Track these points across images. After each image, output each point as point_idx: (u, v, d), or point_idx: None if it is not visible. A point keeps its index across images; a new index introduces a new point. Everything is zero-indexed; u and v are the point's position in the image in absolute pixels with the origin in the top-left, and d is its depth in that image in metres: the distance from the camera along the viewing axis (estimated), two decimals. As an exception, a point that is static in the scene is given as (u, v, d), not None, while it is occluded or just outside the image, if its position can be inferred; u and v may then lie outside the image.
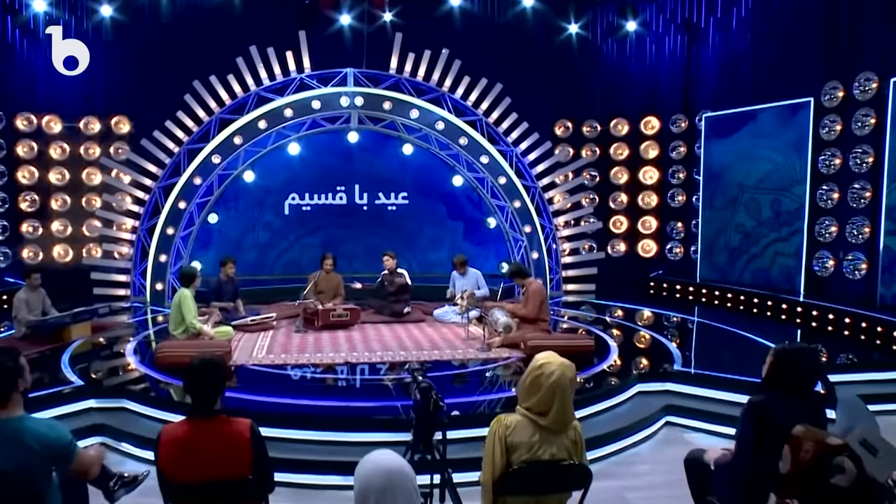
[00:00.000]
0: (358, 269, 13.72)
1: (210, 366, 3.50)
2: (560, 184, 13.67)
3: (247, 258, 13.11)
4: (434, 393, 3.93)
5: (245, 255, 13.08)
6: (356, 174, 13.28)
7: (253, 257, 13.18)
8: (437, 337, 9.24)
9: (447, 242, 13.57)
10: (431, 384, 3.95)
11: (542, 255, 13.05)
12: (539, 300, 8.41)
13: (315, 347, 8.55)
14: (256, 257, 13.22)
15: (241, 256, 12.93)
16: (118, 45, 12.92)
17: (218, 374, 3.51)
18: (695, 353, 8.44)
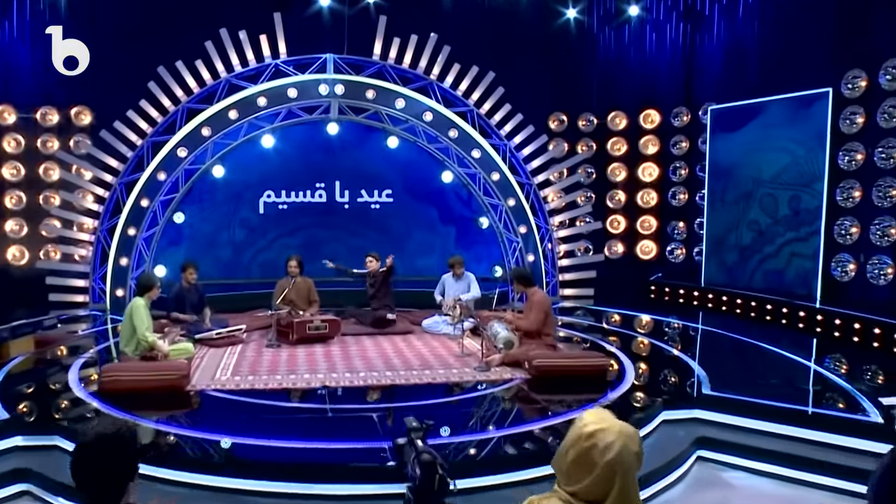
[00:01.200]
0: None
1: (110, 445, 2.29)
2: (555, 181, 12.56)
3: (218, 261, 11.87)
4: (440, 466, 2.76)
5: (216, 258, 11.85)
6: (337, 169, 12.05)
7: (225, 260, 11.92)
8: (428, 352, 8.07)
9: (436, 245, 12.39)
10: (436, 457, 2.78)
11: (538, 257, 11.93)
12: (544, 312, 7.28)
13: (288, 366, 7.34)
14: (229, 260, 11.96)
15: (211, 259, 11.72)
16: (77, 27, 11.56)
17: (122, 458, 2.31)
18: (719, 371, 7.36)
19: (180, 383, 6.44)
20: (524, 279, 7.57)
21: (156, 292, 7.19)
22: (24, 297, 10.93)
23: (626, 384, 6.68)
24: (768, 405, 6.08)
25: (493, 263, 12.03)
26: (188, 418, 5.96)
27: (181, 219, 10.96)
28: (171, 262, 11.14)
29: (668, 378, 7.34)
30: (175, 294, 8.63)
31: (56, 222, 11.24)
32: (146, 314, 6.95)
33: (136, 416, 5.59)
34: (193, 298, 8.69)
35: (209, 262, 11.73)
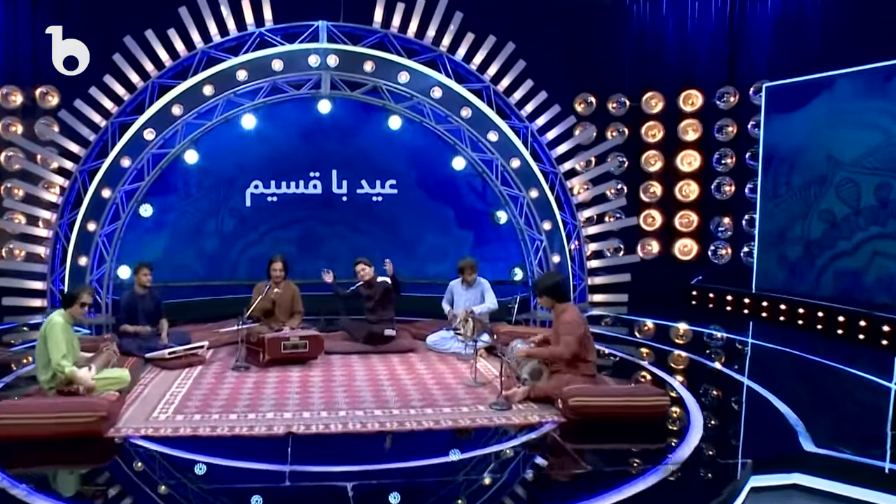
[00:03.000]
0: (339, 277, 10.83)
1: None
2: (582, 171, 10.70)
3: (197, 261, 10.19)
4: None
5: (195, 257, 10.18)
6: (332, 156, 10.32)
7: (206, 260, 10.24)
8: (431, 378, 6.26)
9: (448, 244, 10.62)
10: None
11: (564, 258, 10.06)
12: (579, 333, 5.41)
13: (251, 399, 5.57)
14: (210, 260, 10.27)
15: (188, 259, 10.05)
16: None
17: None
18: (812, 411, 5.47)
19: (97, 428, 4.69)
20: (555, 291, 5.60)
21: (79, 310, 5.44)
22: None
23: (695, 434, 4.82)
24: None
25: (512, 265, 10.19)
26: (83, 485, 4.20)
27: (149, 212, 9.22)
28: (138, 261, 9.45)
29: (748, 422, 5.45)
30: (126, 301, 6.90)
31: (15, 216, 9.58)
32: (64, 336, 5.22)
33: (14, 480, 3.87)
34: (148, 306, 6.95)
35: (185, 262, 10.08)
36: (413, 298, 9.86)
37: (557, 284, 5.62)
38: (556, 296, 5.56)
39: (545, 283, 5.66)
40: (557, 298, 5.56)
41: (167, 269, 9.98)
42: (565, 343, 5.33)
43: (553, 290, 5.55)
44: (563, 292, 5.63)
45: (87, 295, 5.51)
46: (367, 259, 7.52)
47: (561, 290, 5.61)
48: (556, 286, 5.58)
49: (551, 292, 5.56)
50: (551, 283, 5.60)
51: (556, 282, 5.64)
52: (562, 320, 5.49)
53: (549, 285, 5.59)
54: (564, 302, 5.61)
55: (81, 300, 5.45)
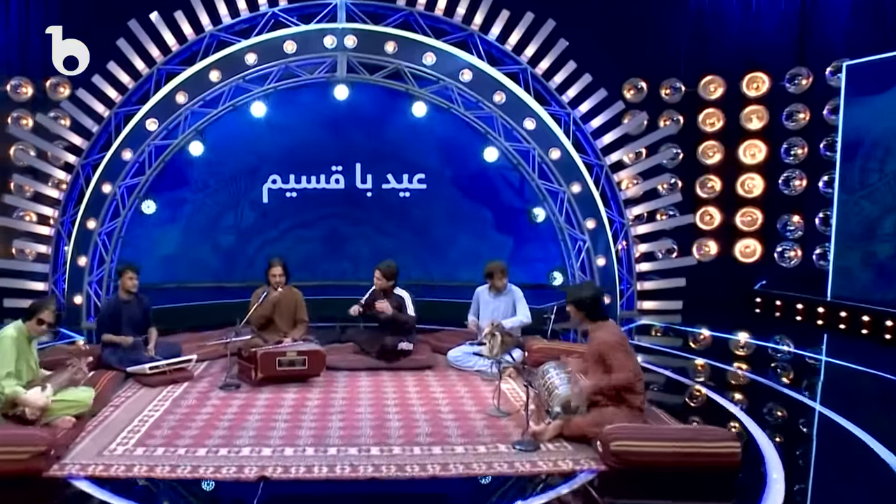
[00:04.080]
0: (364, 278, 10.01)
1: None
2: (630, 163, 9.55)
3: (208, 261, 9.48)
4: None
5: (205, 258, 9.49)
6: (356, 148, 9.48)
7: (217, 261, 9.52)
8: (447, 406, 5.26)
9: (483, 248, 9.64)
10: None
11: (610, 260, 8.93)
12: (622, 358, 4.32)
13: (230, 430, 4.67)
14: (223, 261, 9.55)
15: (198, 259, 9.36)
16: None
17: None
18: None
19: (35, 466, 3.87)
20: (588, 306, 4.50)
21: (36, 328, 4.66)
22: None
23: (775, 492, 3.69)
24: None
25: (551, 268, 9.10)
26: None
27: (151, 209, 8.49)
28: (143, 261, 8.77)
29: (843, 474, 4.28)
30: (108, 308, 6.12)
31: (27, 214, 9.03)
32: (12, 352, 4.46)
33: None
34: (134, 313, 6.15)
35: (195, 262, 9.37)
36: (439, 304, 8.92)
37: (593, 299, 4.54)
38: (588, 311, 4.51)
39: (578, 294, 4.60)
40: (590, 314, 4.51)
41: (182, 265, 9.42)
42: (619, 364, 4.26)
43: (585, 304, 4.50)
44: (597, 309, 4.55)
45: (48, 312, 4.72)
46: (388, 267, 6.54)
47: (595, 307, 4.54)
48: (590, 301, 4.51)
49: (584, 306, 4.50)
50: (585, 296, 4.53)
51: (591, 295, 4.56)
52: (599, 340, 4.42)
53: (582, 298, 4.53)
54: (599, 320, 4.54)
55: (40, 316, 4.68)
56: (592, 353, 4.50)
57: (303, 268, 10.13)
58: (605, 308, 4.65)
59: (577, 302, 4.57)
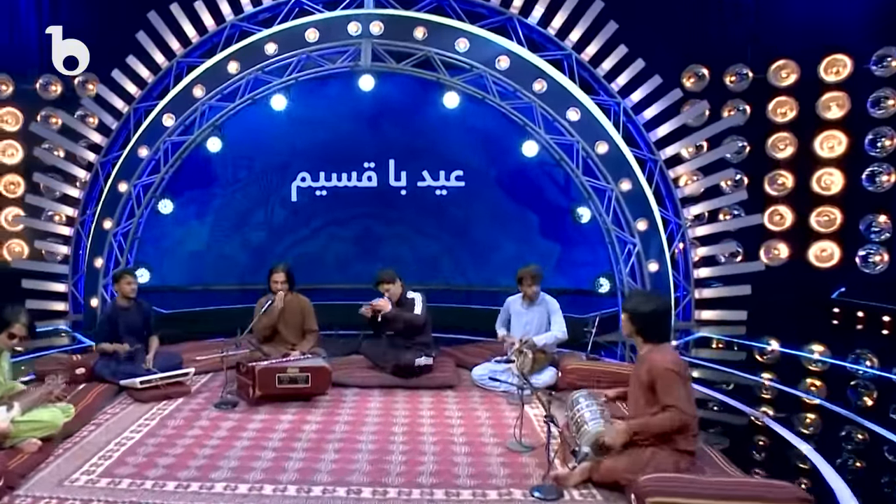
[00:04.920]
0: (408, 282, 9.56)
1: None
2: (689, 157, 8.64)
3: (237, 260, 9.11)
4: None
5: (230, 259, 9.14)
6: (388, 143, 9.00)
7: (244, 262, 9.14)
8: (461, 436, 4.57)
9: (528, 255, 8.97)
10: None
11: (663, 265, 8.06)
12: (677, 391, 3.54)
13: (210, 458, 4.13)
14: (249, 262, 9.16)
15: (228, 258, 9.02)
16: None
17: None
18: None
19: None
20: (647, 322, 3.67)
21: (7, 341, 4.26)
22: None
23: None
24: None
25: (596, 273, 8.29)
26: None
27: (168, 208, 8.12)
28: (160, 263, 8.53)
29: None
30: (105, 315, 5.71)
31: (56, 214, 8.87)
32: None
33: None
34: (134, 321, 5.71)
35: (223, 260, 9.09)
36: (476, 312, 8.27)
37: (654, 315, 3.69)
38: (643, 327, 3.72)
39: (636, 304, 3.76)
40: (645, 331, 3.73)
41: (209, 264, 9.12)
42: (673, 398, 3.49)
43: (643, 318, 3.69)
44: (657, 327, 3.73)
45: (19, 326, 4.29)
46: (393, 272, 5.92)
47: (655, 324, 3.71)
48: (649, 315, 3.68)
49: (640, 319, 3.70)
50: (644, 308, 3.69)
51: (652, 309, 3.70)
52: (651, 364, 3.63)
53: (640, 309, 3.70)
54: (655, 341, 3.75)
55: (11, 330, 4.26)
56: (640, 379, 3.72)
57: (335, 269, 9.73)
58: (668, 329, 3.79)
59: (632, 312, 3.73)
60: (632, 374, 3.92)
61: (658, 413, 3.58)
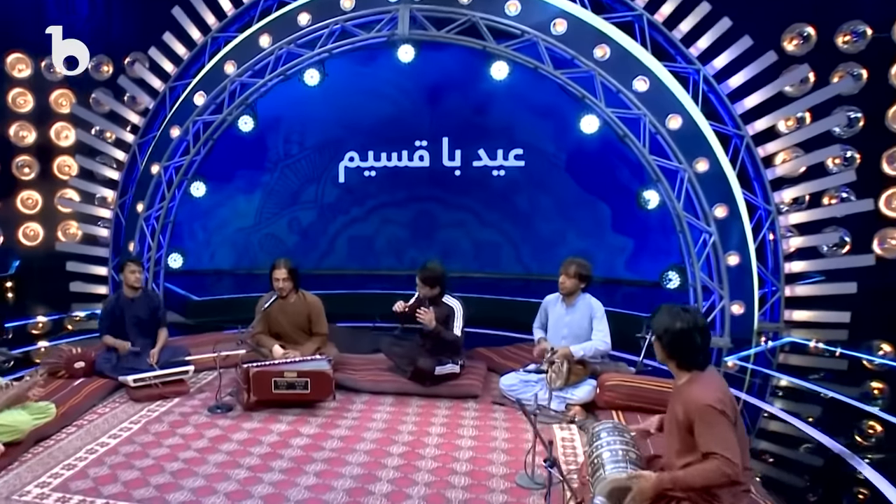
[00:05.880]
0: (455, 270, 9.10)
1: None
2: (788, 131, 7.52)
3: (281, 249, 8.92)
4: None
5: (273, 244, 8.97)
6: (441, 119, 8.57)
7: (291, 246, 8.97)
8: (469, 460, 3.98)
9: (598, 250, 8.30)
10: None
11: (746, 258, 7.06)
12: (722, 434, 2.75)
13: (176, 475, 3.75)
14: (297, 246, 8.99)
15: (272, 247, 8.88)
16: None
17: None
18: None
19: (-89, 515, 3.18)
20: (677, 345, 2.90)
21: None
22: (49, 286, 8.78)
23: None
24: None
25: (665, 266, 7.38)
26: None
27: (201, 191, 7.90)
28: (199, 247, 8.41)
29: None
30: (109, 306, 5.47)
31: (73, 194, 8.95)
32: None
33: None
34: (140, 312, 5.46)
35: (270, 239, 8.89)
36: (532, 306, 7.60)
37: (683, 335, 2.91)
38: (674, 351, 2.97)
39: (663, 325, 2.97)
40: (678, 356, 2.97)
41: (253, 246, 8.97)
42: (716, 442, 2.71)
43: (672, 340, 2.93)
44: (691, 351, 2.93)
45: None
46: (436, 265, 5.35)
47: (688, 347, 2.92)
48: (679, 335, 2.91)
49: (671, 344, 2.95)
50: (674, 329, 2.93)
51: (681, 329, 2.91)
52: (689, 399, 2.86)
53: (670, 331, 2.94)
54: (694, 369, 2.98)
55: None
56: (676, 418, 2.95)
57: (388, 254, 9.37)
58: (705, 353, 2.98)
59: (659, 332, 2.99)
60: (667, 410, 3.16)
61: (696, 462, 2.83)
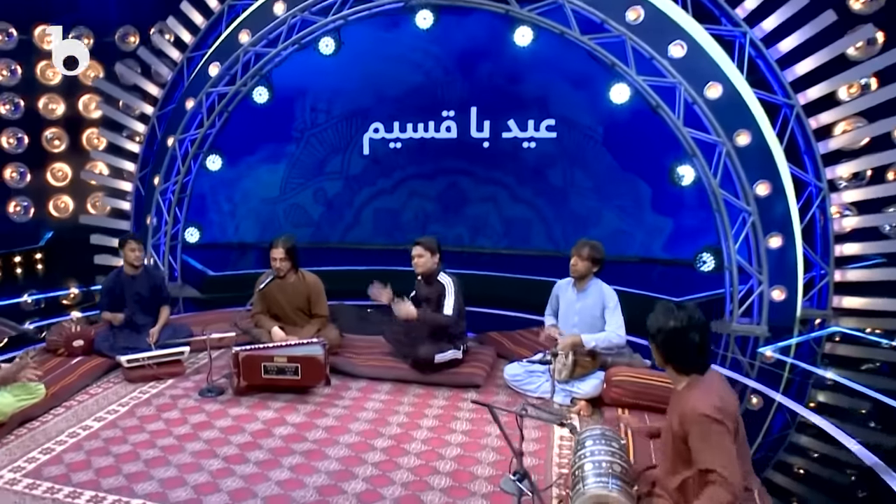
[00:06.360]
0: (483, 246, 8.90)
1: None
2: (848, 99, 6.91)
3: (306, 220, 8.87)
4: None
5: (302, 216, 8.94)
6: (468, 88, 8.36)
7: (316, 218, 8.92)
8: (455, 458, 3.79)
9: (635, 229, 7.95)
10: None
11: (790, 240, 6.55)
12: (719, 446, 2.46)
13: (148, 464, 3.68)
14: (322, 217, 8.93)
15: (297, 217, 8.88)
16: None
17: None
18: None
19: None
20: (670, 342, 2.64)
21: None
22: (77, 259, 8.94)
23: None
24: None
25: (698, 248, 6.93)
26: None
27: (217, 164, 7.82)
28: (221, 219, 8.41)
29: None
30: (108, 284, 5.45)
31: (99, 167, 9.02)
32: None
33: None
34: (141, 289, 5.43)
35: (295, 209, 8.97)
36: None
37: (678, 335, 2.63)
38: (668, 353, 2.68)
39: (656, 324, 2.68)
40: (673, 359, 2.68)
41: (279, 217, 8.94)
42: (712, 457, 2.45)
43: (668, 340, 2.65)
44: (686, 352, 2.65)
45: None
46: (430, 240, 5.13)
47: (684, 349, 2.64)
48: (671, 335, 2.64)
49: (665, 344, 2.67)
50: (667, 328, 2.64)
51: (674, 328, 2.63)
52: (685, 407, 2.57)
53: (663, 330, 2.65)
54: (690, 372, 2.68)
55: None
56: (672, 427, 2.68)
57: (414, 228, 9.22)
58: (705, 355, 2.66)
59: (654, 333, 2.70)
60: (667, 414, 2.87)
61: (691, 477, 2.57)
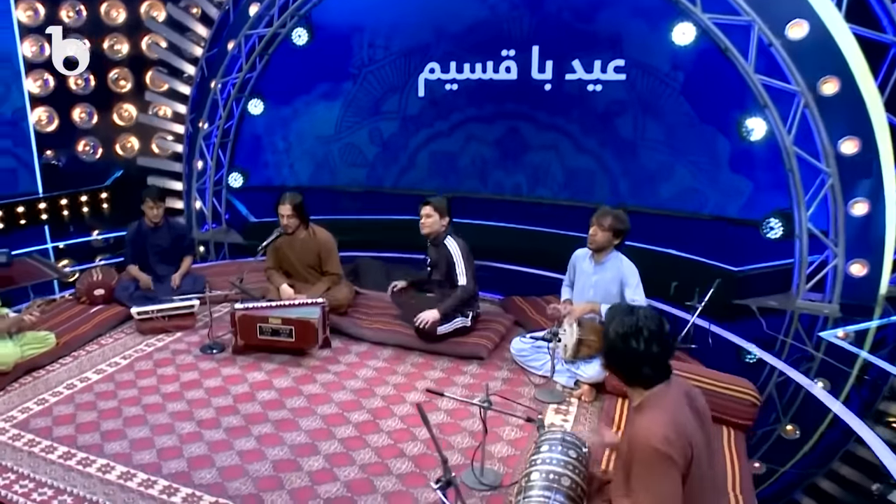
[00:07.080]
0: (542, 196, 8.63)
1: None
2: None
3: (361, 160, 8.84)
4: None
5: (357, 156, 8.90)
6: (529, 24, 7.86)
7: (371, 158, 8.91)
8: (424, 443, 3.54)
9: (709, 189, 7.37)
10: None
11: (880, 207, 5.80)
12: (658, 485, 2.15)
13: (127, 422, 3.80)
14: (377, 158, 8.93)
15: (352, 157, 8.94)
16: None
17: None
18: None
19: None
20: (617, 351, 2.26)
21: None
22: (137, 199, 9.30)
23: None
24: None
25: (766, 213, 6.28)
26: None
27: (259, 108, 7.82)
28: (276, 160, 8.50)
29: None
30: (130, 235, 5.60)
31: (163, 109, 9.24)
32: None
33: None
34: (162, 241, 5.58)
35: (349, 149, 8.95)
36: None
37: (620, 341, 2.28)
38: (618, 364, 2.35)
39: (607, 328, 2.35)
40: (622, 371, 2.35)
41: (334, 153, 8.97)
42: (648, 495, 2.18)
43: (612, 350, 2.32)
44: (637, 361, 2.28)
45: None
46: (441, 200, 4.92)
47: (630, 360, 2.29)
48: (617, 346, 2.29)
49: (607, 355, 2.36)
50: (611, 337, 2.30)
51: (623, 332, 2.27)
52: (631, 433, 2.29)
53: (607, 337, 2.33)
54: (638, 385, 2.36)
55: None
56: (622, 449, 2.40)
57: (472, 175, 9.03)
58: (658, 366, 2.30)
59: (604, 349, 2.37)
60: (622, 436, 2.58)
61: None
